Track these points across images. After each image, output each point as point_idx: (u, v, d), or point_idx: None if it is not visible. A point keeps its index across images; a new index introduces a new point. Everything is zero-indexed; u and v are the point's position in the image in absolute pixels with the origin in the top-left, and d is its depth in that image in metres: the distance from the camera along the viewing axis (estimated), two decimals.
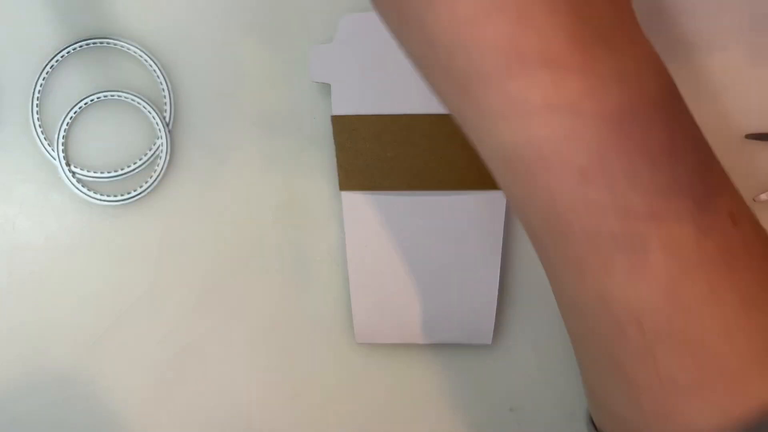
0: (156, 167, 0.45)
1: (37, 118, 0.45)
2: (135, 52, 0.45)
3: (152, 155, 0.45)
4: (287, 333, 0.46)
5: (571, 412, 0.46)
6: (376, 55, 0.43)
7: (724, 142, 0.45)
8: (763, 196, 0.44)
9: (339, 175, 0.44)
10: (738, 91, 0.45)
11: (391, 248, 0.44)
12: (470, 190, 0.44)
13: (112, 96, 0.45)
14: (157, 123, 0.45)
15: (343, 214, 0.44)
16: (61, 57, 0.45)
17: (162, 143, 0.45)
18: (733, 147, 0.45)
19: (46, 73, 0.45)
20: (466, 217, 0.44)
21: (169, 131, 0.45)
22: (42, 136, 0.45)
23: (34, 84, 0.45)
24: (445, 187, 0.44)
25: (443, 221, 0.44)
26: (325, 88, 0.44)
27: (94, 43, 0.45)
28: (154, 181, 0.45)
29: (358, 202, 0.44)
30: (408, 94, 0.43)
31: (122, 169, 0.45)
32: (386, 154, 0.43)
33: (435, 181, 0.44)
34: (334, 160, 0.44)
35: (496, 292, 0.44)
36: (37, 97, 0.45)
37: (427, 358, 0.46)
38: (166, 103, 0.45)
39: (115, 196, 0.45)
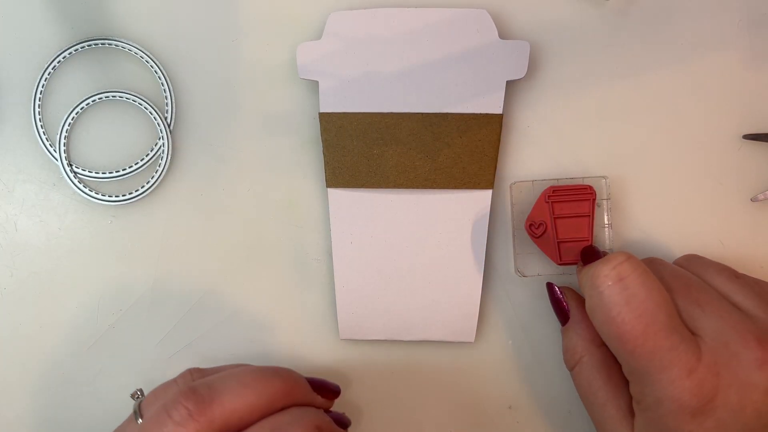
0: (157, 167, 0.45)
1: (39, 118, 0.45)
2: (136, 53, 0.45)
3: (153, 155, 0.45)
4: (287, 331, 0.46)
5: (568, 411, 0.46)
6: (364, 52, 0.43)
7: (723, 142, 0.45)
8: (760, 196, 0.45)
9: (326, 172, 0.44)
10: (736, 92, 0.45)
11: (376, 245, 0.45)
12: (455, 189, 0.44)
13: (113, 96, 0.45)
14: (158, 123, 0.45)
15: (330, 211, 0.44)
16: (63, 58, 0.45)
17: (163, 143, 0.45)
18: (731, 147, 0.45)
19: (48, 73, 0.45)
20: (451, 215, 0.44)
21: (170, 131, 0.45)
22: (44, 136, 0.45)
23: (36, 84, 0.45)
24: (430, 186, 0.44)
25: (428, 219, 0.44)
26: None
27: (95, 44, 0.45)
28: (156, 181, 0.45)
29: (344, 199, 0.44)
30: (395, 93, 0.43)
31: (124, 169, 0.45)
32: (373, 152, 0.44)
33: (420, 179, 0.44)
34: None
35: (479, 291, 0.45)
36: (39, 98, 0.45)
37: (427, 354, 0.46)
38: (167, 104, 0.45)
39: (117, 195, 0.45)
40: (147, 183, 0.45)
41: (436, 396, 0.46)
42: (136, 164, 0.45)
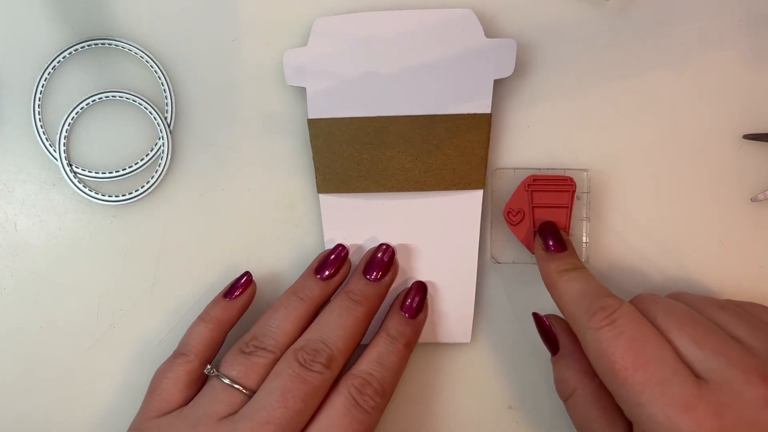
0: (157, 167, 0.45)
1: (39, 118, 0.45)
2: (136, 53, 0.45)
3: (153, 155, 0.45)
4: None
5: None
6: (351, 57, 0.43)
7: (723, 143, 0.45)
8: (760, 196, 0.45)
9: (316, 178, 0.44)
10: (736, 92, 0.45)
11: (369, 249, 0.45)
12: (446, 191, 0.44)
13: (113, 96, 0.45)
14: (158, 123, 0.45)
15: (321, 216, 0.44)
16: (63, 57, 0.45)
17: (163, 143, 0.45)
18: (731, 147, 0.45)
19: (48, 73, 0.45)
20: (443, 216, 0.44)
21: (170, 131, 0.45)
22: (44, 136, 0.45)
23: (35, 84, 0.45)
24: (420, 188, 0.44)
25: (420, 222, 0.44)
26: None
27: (95, 44, 0.45)
28: (156, 181, 0.45)
29: (335, 204, 0.44)
30: (383, 96, 0.43)
31: (123, 169, 0.45)
32: (362, 156, 0.44)
33: (411, 182, 0.44)
34: None
35: (473, 292, 0.45)
36: (39, 98, 0.45)
37: (426, 355, 0.46)
38: (167, 104, 0.45)
39: (117, 195, 0.45)
40: (147, 183, 0.45)
41: (436, 396, 0.46)
42: (136, 164, 0.45)
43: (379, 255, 0.44)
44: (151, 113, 0.45)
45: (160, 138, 0.45)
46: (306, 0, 0.45)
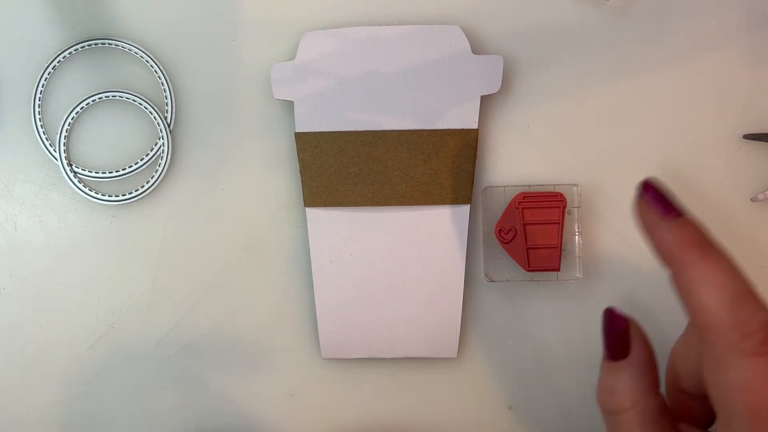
0: (157, 167, 0.45)
1: (39, 118, 0.45)
2: (136, 53, 0.45)
3: (153, 155, 0.45)
4: (288, 331, 0.46)
5: (568, 411, 0.46)
6: (338, 71, 0.43)
7: (723, 142, 0.45)
8: (760, 196, 0.45)
9: (303, 191, 0.44)
10: (736, 92, 0.45)
11: (355, 264, 0.44)
12: (433, 205, 0.44)
13: (113, 96, 0.45)
14: (158, 123, 0.45)
15: (308, 230, 0.44)
16: (63, 57, 0.45)
17: (163, 143, 0.45)
18: (731, 147, 0.45)
19: (48, 73, 0.45)
20: (430, 231, 0.44)
21: (170, 131, 0.45)
22: (44, 136, 0.45)
23: (35, 84, 0.45)
24: (408, 203, 0.44)
25: (407, 236, 0.44)
26: None
27: (95, 44, 0.45)
28: (156, 181, 0.45)
29: (322, 218, 0.44)
30: (370, 111, 0.43)
31: (123, 169, 0.45)
32: (350, 170, 0.44)
33: (398, 196, 0.44)
34: None
35: (460, 306, 0.45)
36: (39, 97, 0.45)
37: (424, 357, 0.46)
38: (167, 104, 0.45)
39: (117, 195, 0.45)
40: (147, 183, 0.45)
41: (435, 396, 0.46)
42: (136, 164, 0.45)
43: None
44: (151, 113, 0.45)
45: (160, 138, 0.45)
46: (306, 1, 0.45)
